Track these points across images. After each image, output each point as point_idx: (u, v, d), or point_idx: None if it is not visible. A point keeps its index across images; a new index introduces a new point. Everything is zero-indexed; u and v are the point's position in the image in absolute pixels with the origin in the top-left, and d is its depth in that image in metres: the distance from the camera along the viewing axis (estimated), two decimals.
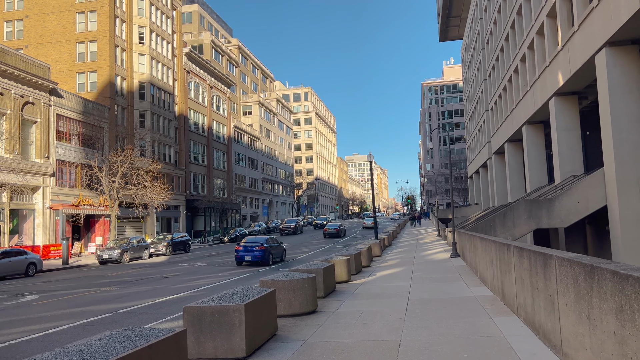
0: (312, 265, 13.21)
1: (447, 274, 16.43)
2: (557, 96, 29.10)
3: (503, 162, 48.27)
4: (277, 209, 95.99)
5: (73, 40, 44.54)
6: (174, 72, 55.53)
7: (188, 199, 57.10)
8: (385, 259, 24.15)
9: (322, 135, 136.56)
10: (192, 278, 19.94)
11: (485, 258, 12.63)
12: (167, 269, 24.99)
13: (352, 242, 38.51)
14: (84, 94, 43.55)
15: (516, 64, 38.68)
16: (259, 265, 24.40)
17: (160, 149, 49.53)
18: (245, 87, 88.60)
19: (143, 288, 17.20)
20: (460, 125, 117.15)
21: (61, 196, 36.74)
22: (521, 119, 37.49)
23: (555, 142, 29.33)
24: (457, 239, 22.22)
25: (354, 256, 18.17)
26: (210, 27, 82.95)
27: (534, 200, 23.56)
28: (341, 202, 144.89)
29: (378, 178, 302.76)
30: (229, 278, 19.39)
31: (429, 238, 40.10)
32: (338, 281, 15.64)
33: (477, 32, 59.05)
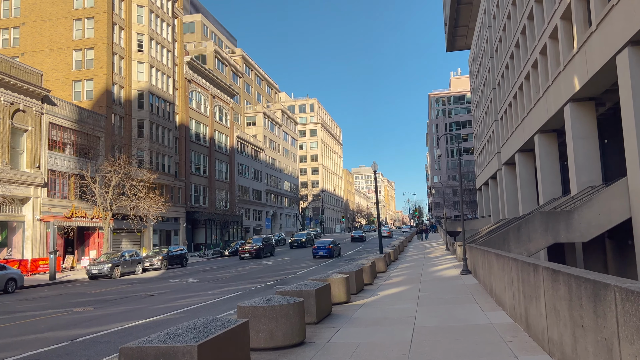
0: (303, 285, 11.53)
1: (458, 294, 14.68)
2: (573, 102, 27.41)
3: (514, 173, 46.45)
4: (282, 221, 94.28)
5: (69, 48, 43.48)
6: (175, 81, 54.38)
7: (188, 210, 55.59)
8: (390, 276, 22.38)
9: (327, 146, 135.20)
10: (178, 297, 18.28)
11: (503, 278, 10.91)
12: (156, 285, 23.36)
13: (345, 262, 36.74)
14: (80, 102, 42.37)
15: (527, 70, 37.06)
16: (327, 257, 37.10)
17: (159, 159, 48.16)
18: (250, 98, 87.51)
19: (120, 308, 15.57)
20: (468, 136, 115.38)
21: (53, 207, 35.33)
22: (533, 128, 35.78)
23: (571, 151, 27.57)
24: (468, 254, 20.44)
25: (354, 273, 16.45)
26: (214, 37, 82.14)
27: (550, 212, 21.77)
28: (347, 215, 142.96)
29: (385, 190, 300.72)
30: (218, 297, 17.73)
31: (437, 252, 38.24)
32: (335, 302, 13.93)
33: (486, 40, 57.60)
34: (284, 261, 36.61)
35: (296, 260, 37.06)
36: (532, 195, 40.51)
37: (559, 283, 6.23)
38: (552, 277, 6.51)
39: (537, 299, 7.47)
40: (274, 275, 25.93)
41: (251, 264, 35.13)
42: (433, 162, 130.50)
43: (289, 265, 32.96)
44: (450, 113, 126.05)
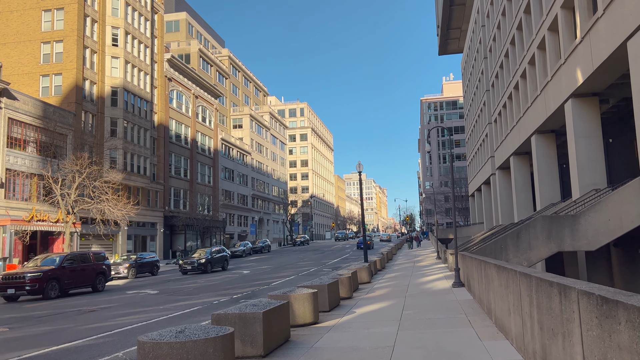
0: (249, 306, 8.93)
1: (448, 313, 12.14)
2: (575, 98, 25.14)
3: (508, 178, 44.20)
4: (269, 227, 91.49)
5: (37, 40, 40.77)
6: (153, 79, 51.72)
7: (166, 215, 52.76)
8: (374, 287, 19.83)
9: (318, 151, 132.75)
10: (122, 313, 15.62)
11: (507, 298, 8.41)
12: (107, 297, 20.63)
13: (323, 271, 34.15)
14: (47, 98, 39.60)
15: (523, 67, 34.87)
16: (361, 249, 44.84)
17: (134, 161, 45.38)
18: (236, 100, 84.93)
19: (42, 329, 12.90)
20: (460, 142, 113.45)
21: (11, 210, 32.49)
22: (529, 129, 33.55)
23: (573, 151, 25.26)
24: (461, 263, 17.94)
25: (327, 287, 13.87)
26: (200, 36, 79.62)
27: (554, 216, 19.34)
28: (338, 221, 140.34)
29: (377, 197, 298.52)
30: (168, 314, 15.08)
31: (427, 260, 35.75)
32: (298, 324, 11.34)
33: (479, 40, 55.56)
34: (262, 269, 33.97)
35: (277, 268, 34.42)
36: (527, 200, 38.27)
37: (616, 321, 3.72)
38: (602, 310, 4.00)
39: (567, 338, 4.97)
40: (246, 286, 23.30)
41: (226, 273, 32.45)
42: (425, 168, 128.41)
43: (266, 274, 30.32)
44: (443, 118, 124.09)
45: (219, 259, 36.30)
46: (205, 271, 33.39)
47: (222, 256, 36.81)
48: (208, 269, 33.90)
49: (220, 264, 36.36)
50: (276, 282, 25.10)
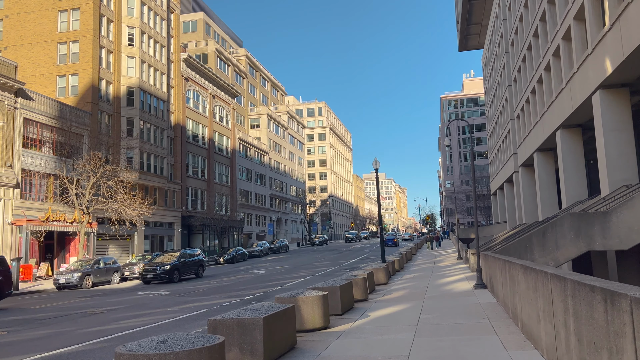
0: (249, 311, 8.19)
1: (470, 318, 11.23)
2: (603, 89, 23.85)
3: (532, 175, 42.77)
4: (287, 227, 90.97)
5: (54, 41, 40.81)
6: (170, 79, 51.53)
7: (184, 215, 52.53)
8: (391, 289, 18.96)
9: (336, 151, 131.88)
10: (127, 315, 15.06)
11: (536, 302, 7.50)
12: (116, 299, 20.16)
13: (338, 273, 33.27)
14: (64, 98, 39.58)
15: (547, 60, 33.53)
16: (392, 246, 56.73)
17: (150, 160, 45.18)
18: (254, 100, 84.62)
19: (39, 332, 12.38)
20: (482, 140, 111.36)
21: (27, 210, 32.43)
22: (554, 124, 32.22)
23: (602, 145, 23.96)
24: (483, 264, 16.96)
25: (340, 288, 13.07)
26: (217, 36, 79.49)
27: (582, 213, 18.19)
28: (357, 221, 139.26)
29: (397, 197, 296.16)
30: (175, 316, 14.46)
31: (448, 261, 34.66)
32: (306, 329, 10.58)
33: (500, 35, 54.08)
34: (278, 270, 33.29)
35: (293, 268, 33.71)
36: (552, 198, 36.86)
37: None
38: None
39: (616, 355, 4.10)
40: (260, 287, 22.65)
41: (241, 273, 31.86)
42: (445, 167, 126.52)
43: (282, 274, 29.64)
44: (464, 116, 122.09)
45: (192, 264, 30.09)
46: (171, 280, 27.50)
47: (195, 261, 30.59)
48: (175, 278, 27.71)
49: (193, 270, 30.17)
50: (291, 282, 24.38)
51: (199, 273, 30.75)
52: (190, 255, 30.51)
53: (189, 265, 29.74)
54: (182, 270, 28.87)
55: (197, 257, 31.16)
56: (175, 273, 27.97)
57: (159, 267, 27.32)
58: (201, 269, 31.05)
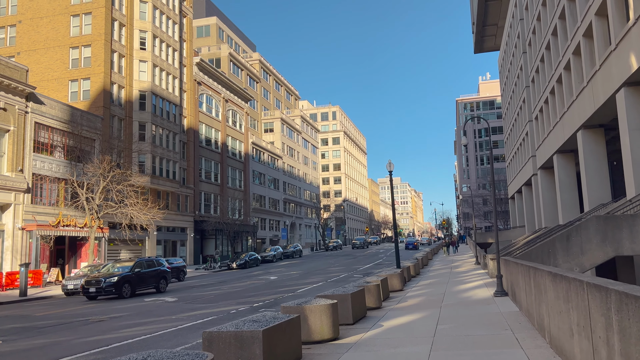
0: (248, 323, 7.48)
1: (491, 329, 10.39)
2: (628, 87, 22.79)
3: (552, 178, 41.52)
4: (302, 231, 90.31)
5: (66, 46, 40.81)
6: (182, 83, 51.35)
7: (197, 220, 52.18)
8: (406, 296, 18.12)
9: (351, 155, 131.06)
10: (130, 323, 14.48)
11: (569, 315, 6.69)
12: (122, 305, 19.63)
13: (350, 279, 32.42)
14: (76, 103, 39.51)
15: (567, 58, 32.44)
16: (413, 249, 62.73)
17: (162, 165, 44.90)
18: (267, 104, 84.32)
19: (36, 342, 11.84)
20: (499, 143, 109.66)
21: (38, 215, 32.23)
22: (575, 124, 31.08)
23: (627, 146, 22.89)
24: (504, 270, 16.05)
25: (351, 296, 12.29)
26: (230, 41, 79.45)
27: (609, 216, 17.18)
28: (372, 225, 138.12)
29: (412, 201, 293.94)
30: (180, 324, 13.84)
31: (465, 266, 33.64)
32: (314, 340, 9.84)
33: (517, 35, 52.96)
34: (290, 275, 32.59)
35: (306, 274, 32.98)
36: (573, 201, 35.64)
37: None
38: None
39: None
40: (270, 293, 21.97)
41: (252, 279, 31.23)
42: (462, 171, 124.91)
43: (294, 280, 28.95)
44: (480, 119, 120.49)
45: (149, 276, 25.10)
46: (121, 295, 22.99)
47: (155, 272, 25.52)
48: (125, 293, 23.15)
49: (152, 283, 25.24)
50: (303, 288, 23.66)
51: (161, 287, 25.55)
52: (149, 265, 25.65)
53: (145, 277, 24.85)
54: (136, 283, 24.18)
55: (159, 267, 26.16)
56: (126, 287, 23.39)
57: (105, 279, 22.80)
58: (164, 282, 25.86)
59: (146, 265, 25.42)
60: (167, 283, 26.46)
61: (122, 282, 23.26)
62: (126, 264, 25.14)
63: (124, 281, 23.43)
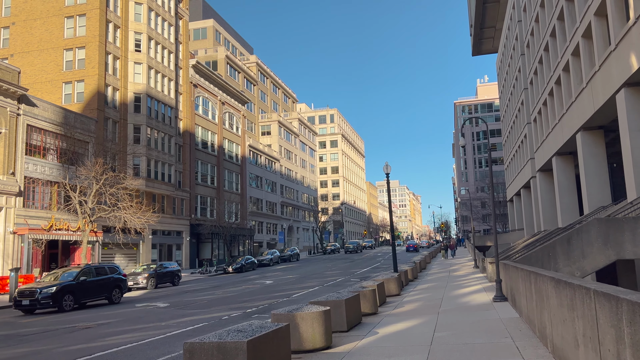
0: (233, 333, 7.04)
1: (490, 336, 9.95)
2: (628, 87, 22.47)
3: (550, 180, 41.17)
4: (299, 235, 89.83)
5: (60, 48, 40.39)
6: (178, 85, 50.94)
7: (192, 223, 51.69)
8: (403, 301, 17.68)
9: (349, 158, 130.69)
10: (116, 331, 14.02)
11: (574, 324, 6.27)
12: (111, 311, 19.15)
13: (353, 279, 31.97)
14: (70, 105, 39.06)
15: (566, 60, 32.13)
16: (414, 251, 66.34)
17: (157, 168, 44.42)
18: (265, 107, 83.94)
19: (14, 351, 11.39)
20: (497, 146, 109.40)
21: (30, 219, 31.75)
22: (574, 126, 30.75)
23: (628, 147, 22.54)
24: (503, 274, 15.63)
25: (345, 302, 11.85)
26: (227, 43, 79.12)
27: (611, 219, 16.78)
28: (370, 229, 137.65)
29: (411, 204, 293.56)
30: (169, 331, 13.38)
31: (464, 270, 33.21)
32: (304, 350, 9.40)
33: (515, 37, 52.70)
34: (287, 279, 32.13)
35: (302, 278, 32.52)
36: (573, 204, 35.28)
37: None
38: None
39: None
40: (265, 298, 21.52)
41: (248, 283, 30.76)
42: (460, 174, 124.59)
43: (290, 284, 28.49)
44: (478, 122, 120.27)
45: (98, 285, 22.36)
46: (61, 309, 20.07)
47: (106, 280, 22.77)
48: (66, 305, 20.29)
49: (103, 293, 22.48)
50: (298, 293, 23.20)
51: (115, 297, 22.93)
52: (100, 272, 22.75)
53: (93, 286, 21.98)
54: (82, 293, 21.29)
55: (112, 275, 23.23)
56: (68, 298, 20.42)
57: (41, 289, 19.69)
58: (118, 292, 23.26)
59: (95, 272, 22.69)
60: (122, 293, 23.70)
61: (63, 293, 20.16)
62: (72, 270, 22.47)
63: (66, 292, 20.32)
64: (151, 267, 32.39)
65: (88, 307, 22.05)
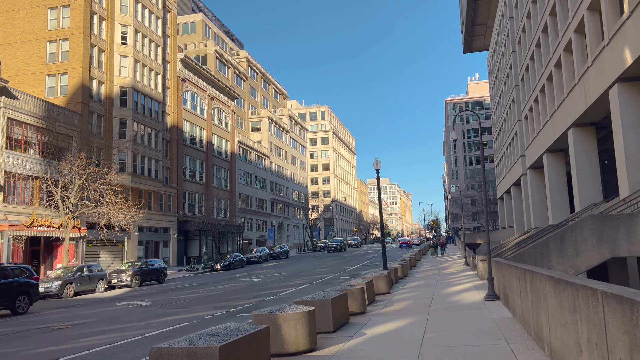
0: (205, 338, 6.46)
1: (483, 338, 9.44)
2: (622, 83, 22.07)
3: (541, 178, 40.91)
4: (289, 232, 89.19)
5: (43, 39, 39.36)
6: (166, 79, 50.03)
7: (180, 220, 50.86)
8: (393, 299, 17.17)
9: (340, 155, 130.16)
10: (93, 331, 13.37)
11: (576, 327, 5.75)
12: (91, 310, 18.45)
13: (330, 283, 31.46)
14: (53, 98, 38.08)
15: (558, 55, 31.77)
16: (406, 247, 73.83)
17: (144, 163, 43.55)
18: (255, 102, 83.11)
19: None
20: (487, 144, 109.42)
21: (10, 215, 30.83)
22: (566, 123, 30.41)
23: (621, 143, 22.15)
24: (495, 272, 15.17)
25: (331, 301, 11.28)
26: (217, 38, 78.12)
27: (606, 216, 16.37)
28: (360, 226, 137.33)
29: (401, 202, 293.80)
30: (147, 332, 12.76)
31: (454, 267, 32.83)
32: (286, 353, 8.83)
33: (506, 34, 52.39)
34: (275, 277, 31.55)
35: (291, 275, 31.95)
36: (563, 201, 35.02)
37: None
38: None
39: None
40: (251, 297, 20.95)
41: (235, 281, 30.14)
42: (450, 172, 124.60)
43: (278, 282, 27.91)
44: (468, 119, 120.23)
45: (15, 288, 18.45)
46: None
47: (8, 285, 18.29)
48: None
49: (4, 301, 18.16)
50: (286, 291, 22.63)
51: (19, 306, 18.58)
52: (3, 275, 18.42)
53: None
54: None
55: (16, 279, 18.83)
56: None
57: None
58: (24, 299, 18.86)
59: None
60: (32, 301, 19.30)
61: None
62: None
63: None
64: (136, 264, 31.67)
65: (66, 306, 21.33)
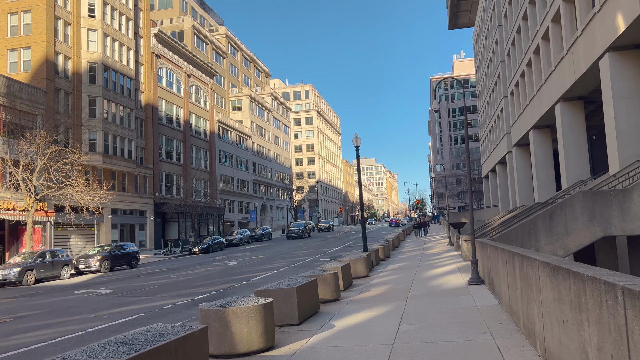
0: (116, 345, 5.11)
1: (465, 331, 8.23)
2: (613, 52, 20.87)
3: (527, 155, 39.99)
4: (273, 213, 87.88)
5: (4, 11, 36.98)
6: (139, 55, 47.80)
7: (157, 202, 49.18)
8: (370, 284, 16.00)
9: (324, 135, 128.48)
10: (37, 325, 12.00)
11: (582, 326, 4.51)
12: (43, 300, 17.02)
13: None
14: (16, 74, 35.93)
15: (545, 27, 30.44)
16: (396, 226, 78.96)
17: (116, 143, 41.63)
18: (235, 81, 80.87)
19: None
20: (473, 122, 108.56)
21: None
22: (553, 97, 29.28)
23: (611, 116, 21.05)
24: (480, 254, 14.01)
25: (296, 290, 9.98)
26: (195, 13, 75.41)
27: (597, 192, 15.26)
28: (346, 207, 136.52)
29: (387, 182, 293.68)
30: (97, 325, 11.43)
31: (438, 247, 31.85)
32: (237, 354, 7.54)
33: (492, 8, 50.95)
34: (253, 260, 30.29)
35: (269, 258, 30.71)
36: (550, 179, 34.14)
37: None
38: None
39: None
40: (222, 282, 19.67)
41: (210, 265, 28.82)
42: (435, 151, 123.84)
43: (255, 265, 26.66)
44: (454, 98, 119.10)
45: None
46: None
47: None
48: None
49: None
50: (260, 275, 21.39)
51: None
52: None
53: None
54: None
55: None
56: None
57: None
58: None
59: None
60: None
61: None
62: None
63: None
64: (106, 248, 30.14)
65: (19, 295, 19.85)
